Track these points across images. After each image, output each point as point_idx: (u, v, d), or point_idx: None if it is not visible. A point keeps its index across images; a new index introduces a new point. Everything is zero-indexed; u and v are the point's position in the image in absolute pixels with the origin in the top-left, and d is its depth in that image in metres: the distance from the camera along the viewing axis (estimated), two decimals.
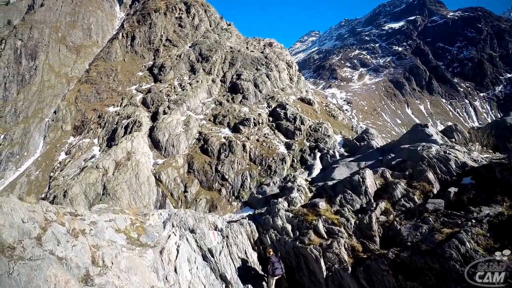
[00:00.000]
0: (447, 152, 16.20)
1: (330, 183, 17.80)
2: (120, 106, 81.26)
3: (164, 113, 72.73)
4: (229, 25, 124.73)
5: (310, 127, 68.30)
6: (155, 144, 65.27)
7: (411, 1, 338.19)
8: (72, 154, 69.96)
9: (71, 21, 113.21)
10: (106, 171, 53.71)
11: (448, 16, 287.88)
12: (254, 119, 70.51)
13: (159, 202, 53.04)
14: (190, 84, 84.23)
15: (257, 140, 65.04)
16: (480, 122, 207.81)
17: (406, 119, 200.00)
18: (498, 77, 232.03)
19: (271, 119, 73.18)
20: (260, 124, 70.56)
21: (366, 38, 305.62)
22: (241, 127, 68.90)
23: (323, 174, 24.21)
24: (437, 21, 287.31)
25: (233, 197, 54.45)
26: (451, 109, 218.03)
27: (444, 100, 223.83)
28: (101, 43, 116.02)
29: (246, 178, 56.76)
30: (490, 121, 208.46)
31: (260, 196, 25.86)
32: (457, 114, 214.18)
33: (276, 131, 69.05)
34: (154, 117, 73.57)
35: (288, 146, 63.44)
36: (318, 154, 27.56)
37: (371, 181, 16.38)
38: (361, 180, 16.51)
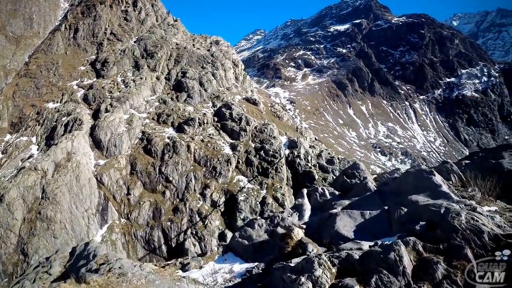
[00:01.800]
0: (475, 219, 14.47)
1: (355, 255, 15.13)
2: (60, 102, 78.14)
3: (106, 111, 70.60)
4: (176, 20, 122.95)
5: (255, 128, 68.98)
6: (97, 144, 63.13)
7: (357, 5, 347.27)
8: (9, 154, 66.84)
9: (12, 9, 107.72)
10: (45, 173, 51.54)
11: (393, 21, 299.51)
12: (199, 119, 70.03)
13: (101, 206, 51.59)
14: (134, 81, 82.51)
15: (202, 141, 64.85)
16: (419, 123, 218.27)
17: (348, 119, 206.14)
18: (437, 81, 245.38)
19: (216, 119, 73.10)
20: (205, 124, 70.30)
21: (311, 39, 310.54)
22: (185, 127, 68.22)
23: (319, 220, 21.39)
24: (382, 25, 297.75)
25: (178, 200, 54.05)
26: (392, 110, 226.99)
27: (385, 102, 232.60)
28: (43, 34, 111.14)
29: (190, 179, 56.45)
30: (429, 124, 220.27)
31: (246, 242, 22.93)
32: (398, 116, 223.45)
33: (221, 132, 69.10)
34: (95, 115, 71.11)
35: (233, 147, 63.89)
36: (305, 191, 24.59)
37: (407, 259, 14.17)
38: (397, 258, 14.24)
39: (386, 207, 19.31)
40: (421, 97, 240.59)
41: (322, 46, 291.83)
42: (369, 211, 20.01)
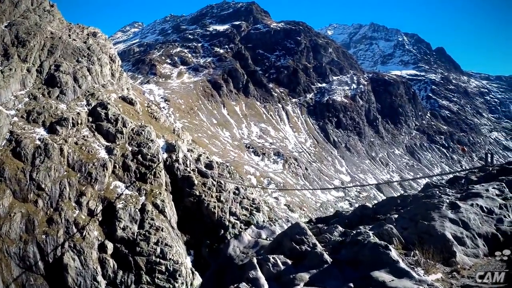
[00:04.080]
0: None
1: None
2: None
3: None
4: (52, 6, 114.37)
5: (132, 130, 66.90)
6: None
7: (238, 7, 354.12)
8: None
9: None
10: None
11: (272, 26, 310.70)
12: (72, 118, 65.61)
13: None
14: (2, 72, 75.43)
15: (76, 143, 61.36)
16: (291, 125, 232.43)
17: (222, 119, 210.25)
18: (310, 85, 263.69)
19: (91, 119, 69.02)
20: (79, 125, 66.15)
21: (190, 36, 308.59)
22: (58, 127, 63.36)
23: None
24: (261, 29, 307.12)
25: (52, 210, 50.52)
26: (265, 111, 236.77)
27: (258, 103, 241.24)
28: None
29: (64, 187, 53.31)
30: (301, 126, 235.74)
31: None
32: (270, 117, 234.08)
33: (96, 133, 65.47)
34: None
35: (109, 151, 61.15)
36: (255, 260, 21.35)
37: None
38: None
39: (351, 285, 17.61)
40: (294, 100, 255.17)
41: (200, 44, 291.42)
42: None
